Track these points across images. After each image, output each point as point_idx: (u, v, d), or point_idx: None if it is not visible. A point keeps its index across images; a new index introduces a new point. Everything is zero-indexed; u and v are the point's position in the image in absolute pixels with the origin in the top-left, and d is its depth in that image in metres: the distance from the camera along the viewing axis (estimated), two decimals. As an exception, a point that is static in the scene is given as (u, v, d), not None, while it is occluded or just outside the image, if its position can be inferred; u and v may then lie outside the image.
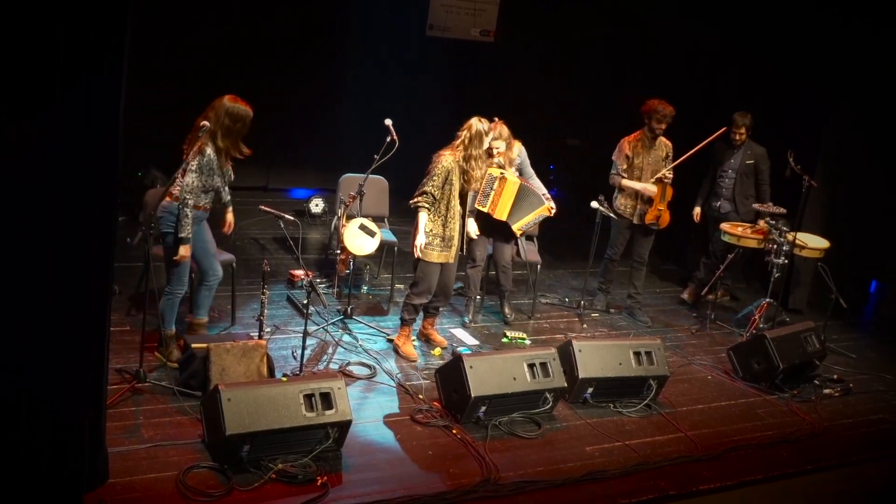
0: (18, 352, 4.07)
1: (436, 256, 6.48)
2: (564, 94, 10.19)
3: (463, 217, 6.61)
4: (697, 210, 8.82)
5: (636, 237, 8.06)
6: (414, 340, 6.86)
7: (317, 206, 9.62)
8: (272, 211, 6.42)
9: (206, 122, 5.76)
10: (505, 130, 7.04)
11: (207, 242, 6.22)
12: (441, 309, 7.06)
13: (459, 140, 6.44)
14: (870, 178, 9.01)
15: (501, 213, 7.18)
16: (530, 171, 7.51)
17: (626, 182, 7.81)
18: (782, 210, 8.18)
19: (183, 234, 5.83)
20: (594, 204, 7.61)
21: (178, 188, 5.79)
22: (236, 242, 8.49)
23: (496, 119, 6.90)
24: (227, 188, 6.25)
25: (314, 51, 9.75)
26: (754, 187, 8.57)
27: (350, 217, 7.42)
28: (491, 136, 6.57)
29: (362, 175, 7.33)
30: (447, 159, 6.38)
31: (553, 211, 7.34)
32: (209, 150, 5.84)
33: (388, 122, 7.01)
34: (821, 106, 9.13)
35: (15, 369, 4.08)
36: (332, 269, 7.91)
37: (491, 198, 7.14)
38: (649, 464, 5.69)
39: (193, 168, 5.79)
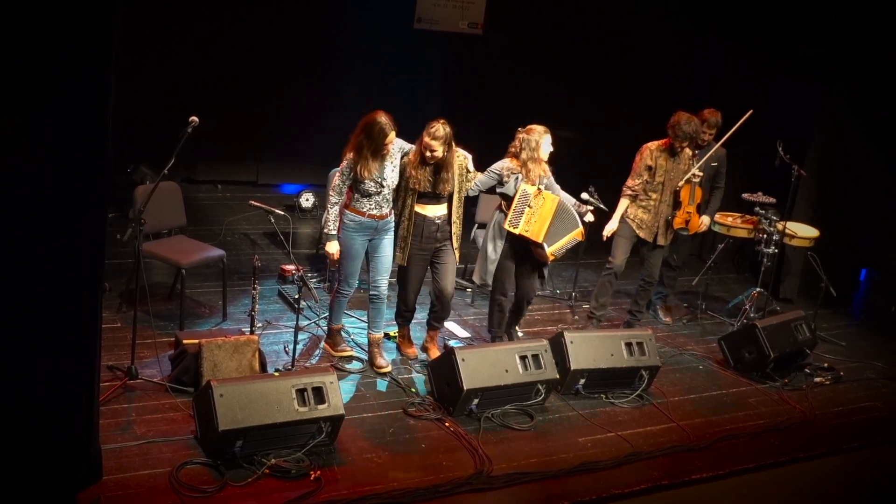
0: (10, 350, 4.07)
1: (396, 257, 6.30)
2: (554, 85, 10.17)
3: (448, 220, 6.29)
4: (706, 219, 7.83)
5: (645, 253, 7.36)
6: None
7: (307, 200, 9.60)
8: (262, 206, 6.43)
9: None
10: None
11: (377, 258, 6.22)
12: (444, 320, 6.69)
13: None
14: (859, 166, 9.03)
15: (538, 234, 6.29)
16: (557, 187, 6.60)
17: (619, 207, 7.21)
18: (772, 199, 8.21)
19: (325, 230, 6.06)
20: (584, 195, 7.33)
21: None
22: (227, 238, 8.49)
23: (520, 129, 6.40)
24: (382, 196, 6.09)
25: (303, 45, 9.72)
26: (710, 191, 7.77)
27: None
28: (428, 138, 5.99)
29: (352, 169, 7.31)
30: (406, 157, 6.18)
31: (584, 236, 6.62)
32: (350, 155, 5.95)
33: (378, 116, 6.98)
34: (811, 95, 9.16)
35: (7, 368, 4.08)
36: (322, 263, 7.91)
37: (525, 216, 6.28)
38: (642, 454, 5.72)
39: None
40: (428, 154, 6.02)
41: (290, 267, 7.62)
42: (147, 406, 5.45)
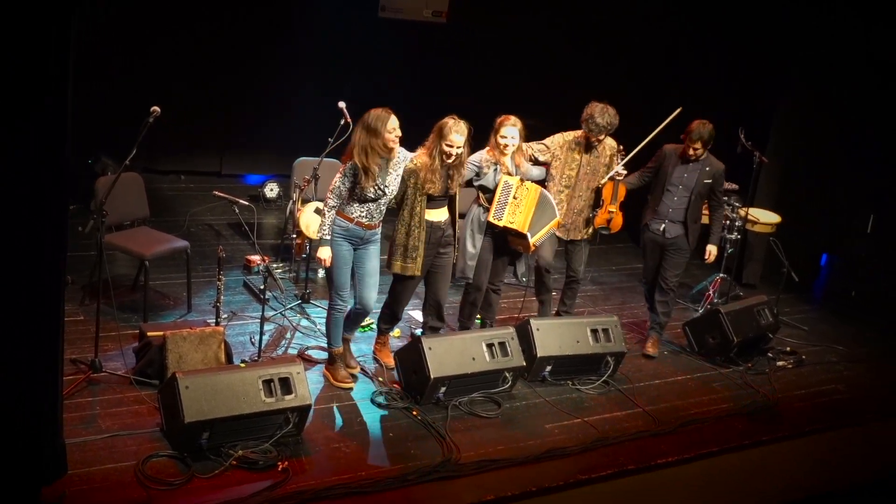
0: (-30, 345, 4.01)
1: (398, 267, 6.01)
2: (518, 74, 10.18)
3: (452, 225, 6.17)
4: (712, 248, 7.21)
5: (568, 249, 7.07)
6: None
7: (272, 190, 9.55)
8: (227, 196, 6.37)
9: None
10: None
11: (363, 272, 5.92)
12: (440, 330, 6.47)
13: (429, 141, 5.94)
14: (819, 153, 9.13)
15: (522, 225, 6.22)
16: (534, 171, 6.61)
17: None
18: (734, 186, 8.28)
19: (319, 234, 5.78)
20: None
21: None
22: (191, 229, 8.42)
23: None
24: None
25: (266, 34, 9.65)
26: (707, 208, 7.20)
27: (305, 201, 7.39)
28: (452, 128, 5.81)
29: (317, 159, 7.30)
30: (411, 162, 5.88)
31: (559, 225, 6.67)
32: (354, 156, 5.65)
33: (342, 104, 6.97)
34: (772, 82, 9.24)
35: (-34, 362, 4.02)
36: (288, 253, 7.87)
37: (510, 208, 6.20)
38: (608, 439, 5.76)
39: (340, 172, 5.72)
40: (453, 152, 5.82)
41: (256, 257, 7.61)
42: (111, 399, 5.40)
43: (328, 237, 5.72)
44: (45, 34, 3.86)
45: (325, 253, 5.73)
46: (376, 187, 5.66)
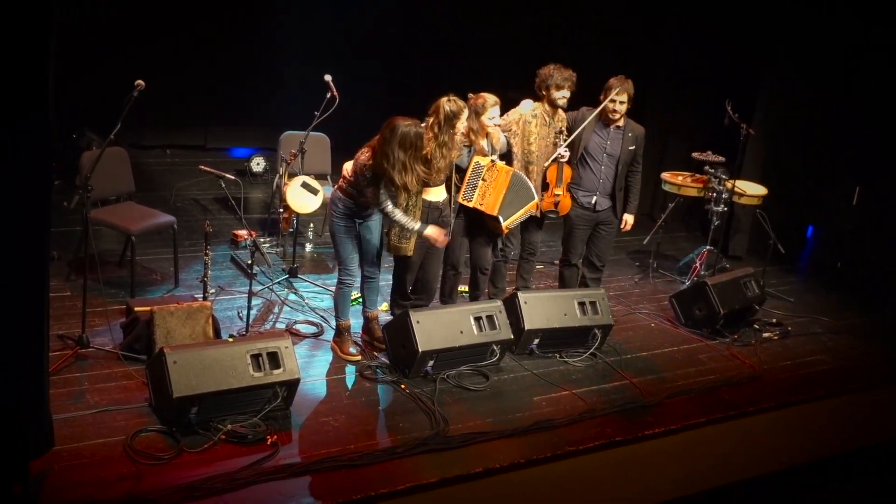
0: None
1: (392, 248, 6.09)
2: (503, 41, 10.10)
3: (449, 205, 6.18)
4: (629, 218, 6.95)
5: (527, 226, 6.86)
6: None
7: (258, 164, 9.52)
8: (212, 171, 6.33)
9: None
10: (490, 99, 6.09)
11: (368, 245, 6.02)
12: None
13: (428, 125, 5.85)
14: (805, 125, 9.14)
15: (492, 207, 6.19)
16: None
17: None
18: (721, 158, 8.30)
19: (416, 227, 5.80)
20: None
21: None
22: (177, 203, 8.39)
23: (471, 95, 6.18)
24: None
25: (251, 6, 9.58)
26: (625, 177, 6.83)
27: (292, 175, 7.36)
28: (464, 118, 5.87)
29: (303, 132, 7.27)
30: None
31: (538, 208, 6.58)
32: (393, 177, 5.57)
33: (328, 77, 6.93)
34: (758, 53, 9.23)
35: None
36: (275, 228, 7.86)
37: (479, 189, 6.17)
38: (596, 411, 5.79)
39: (364, 183, 5.66)
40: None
41: (243, 232, 7.60)
42: (99, 375, 5.39)
43: (418, 226, 5.81)
44: (26, 8, 3.81)
45: (431, 230, 5.86)
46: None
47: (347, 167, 5.83)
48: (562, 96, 6.51)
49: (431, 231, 5.86)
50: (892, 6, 8.33)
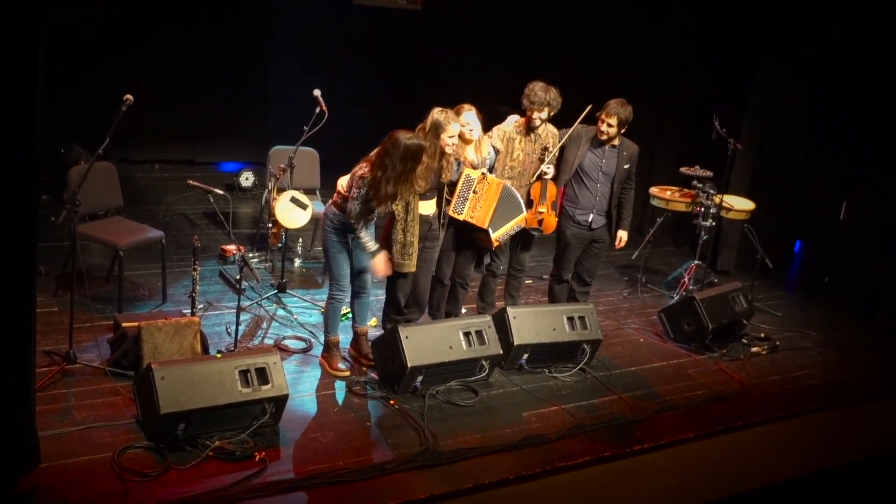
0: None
1: (395, 265, 6.00)
2: (493, 61, 10.16)
3: (438, 219, 6.18)
4: (623, 234, 6.96)
5: (515, 243, 6.87)
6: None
7: (247, 179, 9.50)
8: (201, 185, 6.31)
9: None
10: (464, 107, 6.13)
11: (360, 261, 5.97)
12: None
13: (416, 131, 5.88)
14: (793, 140, 9.19)
15: (482, 220, 6.18)
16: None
17: None
18: (709, 173, 8.33)
19: (372, 250, 5.73)
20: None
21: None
22: (165, 218, 8.36)
23: (464, 105, 6.19)
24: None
25: (240, 20, 9.58)
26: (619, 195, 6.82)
27: (281, 190, 7.35)
28: (450, 130, 5.87)
29: (292, 147, 7.26)
30: None
31: (527, 221, 6.50)
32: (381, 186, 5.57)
33: (317, 92, 6.94)
34: (746, 68, 9.27)
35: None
36: (264, 243, 7.84)
37: (470, 202, 6.17)
38: (584, 426, 5.78)
39: (355, 196, 5.62)
40: (455, 142, 5.93)
41: (231, 247, 7.58)
42: (87, 391, 5.36)
43: (376, 247, 5.74)
44: (15, 23, 3.81)
45: (379, 260, 5.77)
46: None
47: (342, 182, 5.83)
48: (537, 117, 6.49)
49: (378, 261, 5.77)
50: (874, 20, 8.39)
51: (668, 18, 9.75)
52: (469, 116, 6.19)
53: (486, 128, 6.45)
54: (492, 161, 6.42)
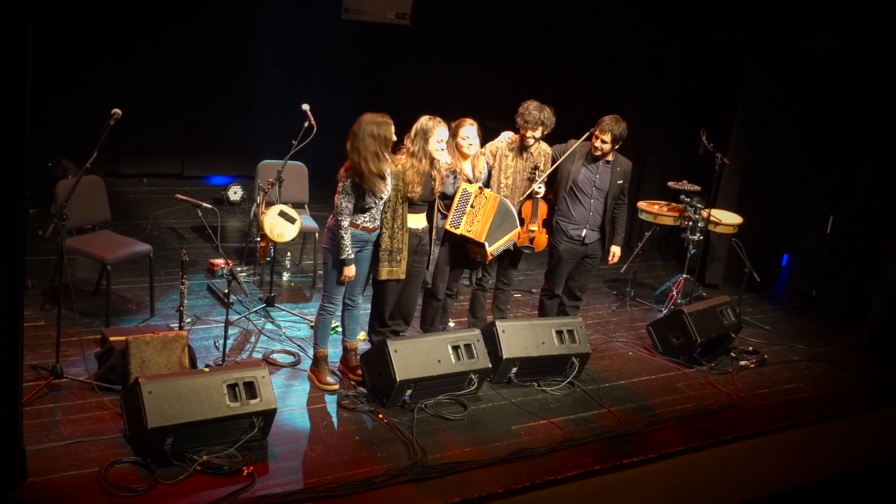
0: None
1: (385, 273, 5.99)
2: (482, 75, 10.19)
3: (428, 234, 6.16)
4: (616, 250, 6.99)
5: (503, 260, 6.85)
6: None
7: (235, 193, 9.49)
8: (189, 199, 6.29)
9: None
10: (466, 121, 6.17)
11: (360, 275, 5.95)
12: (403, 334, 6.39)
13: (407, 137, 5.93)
14: (780, 154, 9.24)
15: (479, 234, 6.16)
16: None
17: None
18: (697, 187, 8.36)
19: (342, 256, 5.72)
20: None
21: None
22: (153, 232, 8.34)
23: (466, 119, 6.22)
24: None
25: (229, 34, 9.59)
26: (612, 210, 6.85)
27: (269, 204, 7.33)
28: (437, 134, 5.86)
29: (281, 161, 7.26)
30: (395, 164, 5.87)
31: (519, 237, 6.54)
32: (351, 170, 5.65)
33: (306, 106, 6.94)
34: (733, 83, 9.32)
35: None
36: (252, 256, 7.82)
37: (467, 216, 6.14)
38: (574, 440, 5.78)
39: (340, 190, 5.67)
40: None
41: (219, 261, 7.56)
42: (73, 405, 5.33)
43: (351, 257, 5.75)
44: (2, 35, 3.80)
45: (350, 271, 5.79)
46: (375, 196, 5.71)
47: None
48: (531, 136, 6.52)
49: (349, 271, 5.78)
50: (863, 35, 8.45)
51: (655, 33, 9.79)
52: (469, 131, 6.21)
53: (481, 143, 6.46)
54: (485, 177, 6.44)
